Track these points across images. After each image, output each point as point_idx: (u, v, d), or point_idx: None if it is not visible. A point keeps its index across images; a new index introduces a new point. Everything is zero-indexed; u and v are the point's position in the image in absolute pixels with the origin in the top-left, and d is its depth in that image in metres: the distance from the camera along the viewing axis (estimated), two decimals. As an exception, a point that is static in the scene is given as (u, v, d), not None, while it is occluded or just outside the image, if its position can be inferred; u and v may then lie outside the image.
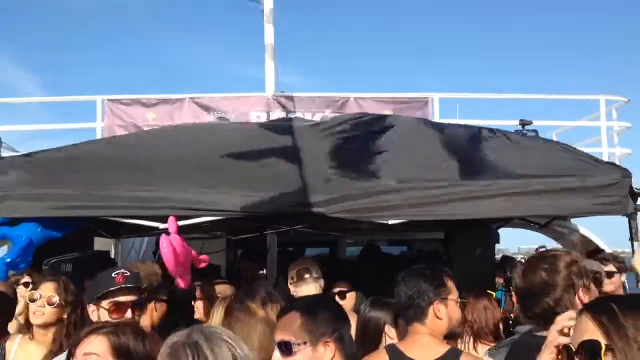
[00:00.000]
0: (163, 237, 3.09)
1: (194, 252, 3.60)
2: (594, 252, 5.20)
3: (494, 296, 3.94)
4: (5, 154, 8.11)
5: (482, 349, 3.47)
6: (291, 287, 4.12)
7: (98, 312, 2.90)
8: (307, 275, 4.34)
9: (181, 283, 3.31)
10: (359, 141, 4.21)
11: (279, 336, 2.27)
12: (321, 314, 2.32)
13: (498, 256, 7.11)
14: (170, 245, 3.05)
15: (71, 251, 5.33)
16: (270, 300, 2.81)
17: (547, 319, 2.27)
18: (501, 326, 3.86)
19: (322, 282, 4.34)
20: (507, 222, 5.71)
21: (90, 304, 2.93)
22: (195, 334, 1.83)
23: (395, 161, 3.81)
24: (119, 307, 2.91)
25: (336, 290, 4.32)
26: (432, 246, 8.48)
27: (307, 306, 2.37)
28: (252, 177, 3.72)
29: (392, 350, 2.76)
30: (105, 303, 2.90)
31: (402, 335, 3.00)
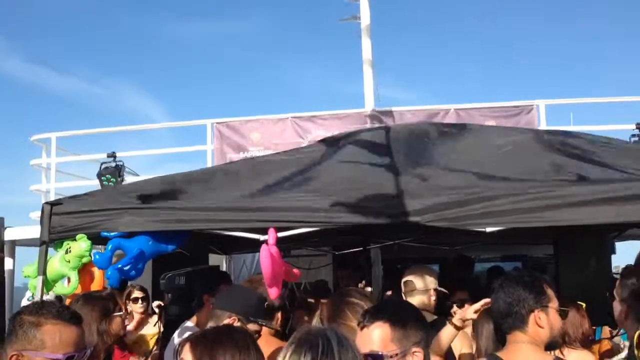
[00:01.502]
0: (263, 246, 3.21)
1: (287, 265, 3.70)
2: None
3: (583, 306, 3.78)
4: (128, 177, 8.79)
5: (568, 352, 3.39)
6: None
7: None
8: (410, 288, 4.33)
9: (272, 294, 3.41)
10: (448, 148, 4.17)
11: (367, 347, 2.23)
12: (410, 323, 2.30)
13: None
14: (269, 255, 3.16)
15: (187, 267, 5.68)
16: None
17: None
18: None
19: (431, 293, 4.30)
20: (622, 231, 5.34)
21: (232, 316, 3.07)
22: (329, 332, 1.91)
23: (491, 168, 3.72)
24: (257, 334, 3.06)
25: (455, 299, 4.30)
26: (548, 261, 8.10)
27: (395, 315, 2.34)
28: (348, 188, 3.77)
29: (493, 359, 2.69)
30: (251, 326, 3.06)
31: None
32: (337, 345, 1.84)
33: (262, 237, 3.76)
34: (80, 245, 3.61)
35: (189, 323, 4.43)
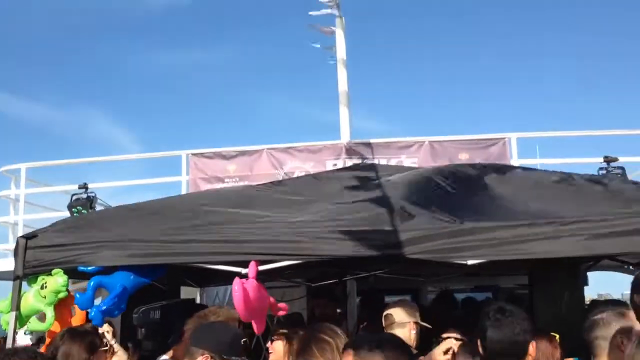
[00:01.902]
0: (236, 280, 3.16)
1: (272, 299, 3.66)
2: None
3: (557, 337, 3.83)
4: (100, 209, 8.64)
5: None
6: None
7: None
8: (390, 321, 4.32)
9: (256, 328, 3.37)
10: (434, 185, 4.22)
11: None
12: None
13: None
14: (241, 289, 3.11)
15: (160, 300, 5.56)
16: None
17: None
18: None
19: (411, 327, 4.28)
20: (596, 262, 5.45)
21: (205, 354, 3.03)
22: None
23: (475, 203, 3.78)
24: None
25: (445, 336, 4.28)
26: (517, 292, 8.18)
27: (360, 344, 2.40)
28: (329, 220, 3.78)
29: None
30: None
31: None
32: None
33: (243, 270, 3.74)
34: (57, 280, 3.52)
35: (165, 357, 4.33)
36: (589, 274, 6.49)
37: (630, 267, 5.77)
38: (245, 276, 3.75)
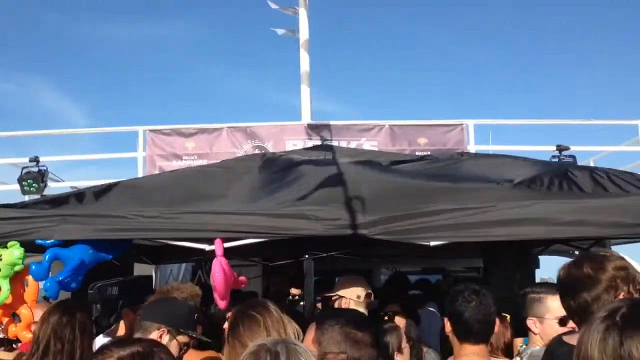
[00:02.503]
0: (216, 260, 3.16)
1: (234, 274, 3.66)
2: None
3: (507, 318, 4.00)
4: (52, 183, 8.41)
5: None
6: None
7: (170, 342, 3.02)
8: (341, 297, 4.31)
9: (221, 304, 3.37)
10: (393, 169, 4.28)
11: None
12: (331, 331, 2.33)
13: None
14: (221, 269, 3.11)
15: (112, 276, 5.48)
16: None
17: (581, 315, 2.27)
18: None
19: (362, 301, 4.31)
20: (547, 247, 5.65)
21: (162, 328, 3.04)
22: (279, 345, 1.92)
23: (436, 186, 3.85)
24: (186, 346, 3.13)
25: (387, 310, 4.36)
26: (468, 274, 8.41)
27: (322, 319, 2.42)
28: (293, 200, 3.79)
29: None
30: (181, 338, 3.08)
31: None
32: (286, 355, 1.86)
33: (207, 247, 3.72)
34: (13, 252, 3.41)
35: (104, 337, 4.18)
36: (542, 257, 6.74)
37: (576, 252, 6.02)
38: (210, 253, 3.75)
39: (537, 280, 6.02)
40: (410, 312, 4.58)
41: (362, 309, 4.15)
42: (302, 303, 7.22)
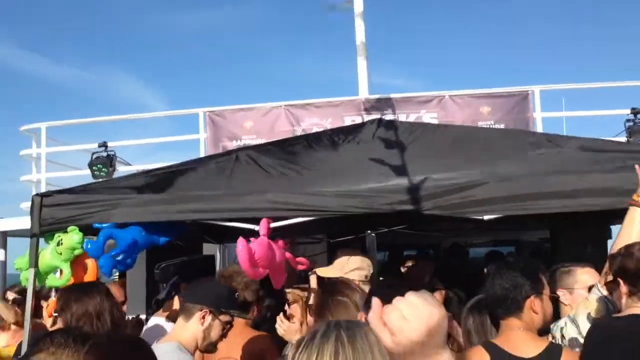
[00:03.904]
0: (240, 239, 3.15)
1: (289, 255, 3.64)
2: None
3: None
4: (120, 167, 8.72)
5: None
6: None
7: (213, 322, 3.12)
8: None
9: (275, 284, 3.39)
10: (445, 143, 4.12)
11: None
12: None
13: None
14: (245, 248, 3.09)
15: (182, 256, 5.62)
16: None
17: None
18: None
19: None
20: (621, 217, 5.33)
21: (204, 309, 3.10)
22: (343, 326, 1.72)
23: (486, 159, 3.69)
24: (228, 327, 3.21)
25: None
26: (541, 246, 8.12)
27: None
28: (347, 178, 3.74)
29: (490, 347, 2.67)
30: (222, 317, 3.17)
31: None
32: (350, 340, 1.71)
33: (256, 227, 3.72)
34: (72, 237, 3.54)
35: (158, 319, 4.26)
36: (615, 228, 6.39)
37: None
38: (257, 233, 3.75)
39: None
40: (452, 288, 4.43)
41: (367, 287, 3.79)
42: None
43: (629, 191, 3.20)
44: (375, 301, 1.16)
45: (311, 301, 3.61)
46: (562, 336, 2.97)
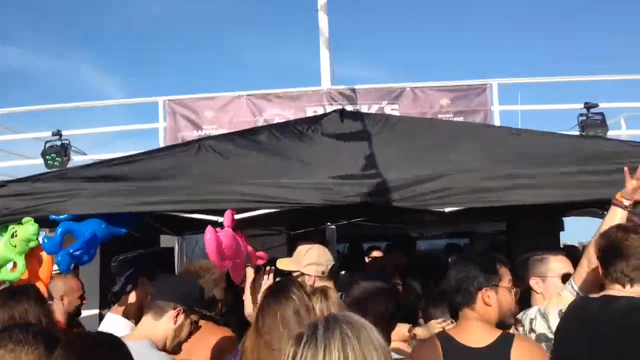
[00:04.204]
0: (209, 228, 3.08)
1: (250, 248, 3.60)
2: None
3: None
4: (75, 157, 8.48)
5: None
6: None
7: (185, 321, 3.01)
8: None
9: (234, 277, 3.35)
10: (408, 137, 4.16)
11: None
12: None
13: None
14: (214, 237, 3.04)
15: (138, 248, 5.51)
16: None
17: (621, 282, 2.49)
18: None
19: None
20: (575, 209, 5.51)
21: (178, 307, 2.99)
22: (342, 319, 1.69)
23: (450, 154, 3.74)
24: (196, 323, 3.10)
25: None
26: (495, 238, 8.30)
27: None
28: (307, 170, 3.73)
29: (443, 337, 2.72)
30: (194, 316, 3.05)
31: None
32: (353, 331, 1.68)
33: (219, 219, 3.68)
34: (27, 228, 3.43)
35: (113, 314, 4.05)
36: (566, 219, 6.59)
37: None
38: (221, 225, 3.71)
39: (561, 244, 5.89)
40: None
41: (327, 283, 3.63)
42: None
43: (584, 183, 3.31)
44: None
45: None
46: (532, 329, 3.02)
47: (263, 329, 2.57)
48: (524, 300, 3.30)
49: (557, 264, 3.29)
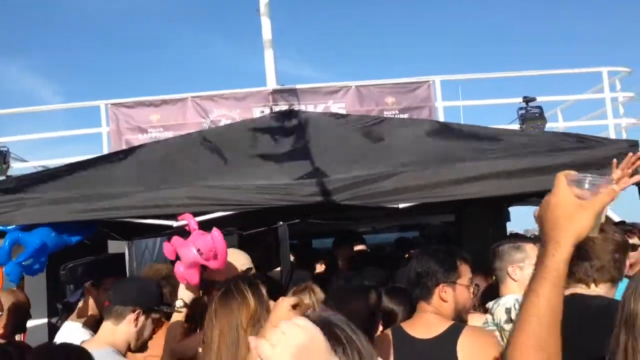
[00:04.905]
0: (215, 229, 3.14)
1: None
2: (617, 224, 5.17)
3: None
4: (15, 164, 8.19)
5: (469, 316, 3.35)
6: None
7: (146, 322, 3.04)
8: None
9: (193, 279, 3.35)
10: (359, 135, 4.22)
11: None
12: None
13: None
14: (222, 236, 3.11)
15: (87, 255, 5.39)
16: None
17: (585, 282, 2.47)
18: None
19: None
20: (521, 200, 5.72)
21: (137, 310, 3.00)
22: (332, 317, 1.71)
23: (398, 150, 3.82)
24: (160, 323, 3.17)
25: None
26: (444, 229, 8.50)
27: None
28: (261, 171, 3.74)
29: (395, 330, 2.77)
30: (154, 315, 3.09)
31: None
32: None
33: (175, 224, 3.66)
34: (-27, 241, 3.32)
35: (73, 323, 4.03)
36: (512, 209, 6.83)
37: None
38: (178, 229, 3.69)
39: (508, 233, 6.10)
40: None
41: None
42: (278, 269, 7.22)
43: (525, 171, 3.45)
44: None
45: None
46: (510, 319, 2.99)
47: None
48: (493, 290, 3.35)
49: (533, 252, 3.18)
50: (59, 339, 3.92)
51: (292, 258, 7.33)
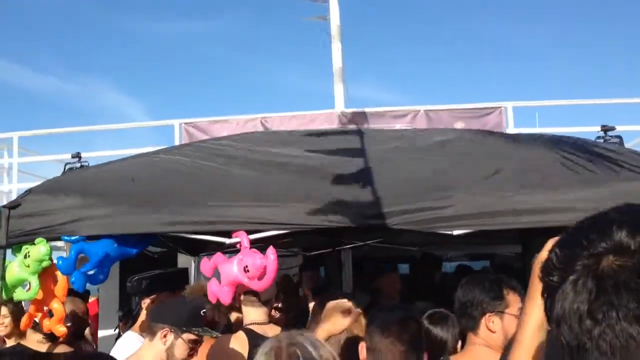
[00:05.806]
0: (271, 248, 3.23)
1: None
2: None
3: None
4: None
5: None
6: None
7: (175, 341, 3.10)
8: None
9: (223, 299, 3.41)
10: (421, 155, 4.13)
11: None
12: None
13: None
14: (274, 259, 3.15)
15: (156, 268, 5.57)
16: None
17: None
18: None
19: None
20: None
21: (165, 328, 3.09)
22: (299, 337, 1.84)
23: (459, 174, 3.71)
24: (195, 346, 3.17)
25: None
26: (514, 260, 8.18)
27: None
28: (318, 190, 3.73)
29: None
30: (186, 336, 3.12)
31: None
32: (314, 348, 1.78)
33: (227, 241, 3.71)
34: (40, 249, 3.48)
35: (133, 333, 4.30)
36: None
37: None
38: (231, 246, 3.74)
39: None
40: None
41: None
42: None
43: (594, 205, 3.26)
44: None
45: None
46: None
47: None
48: None
49: None
50: (116, 346, 4.07)
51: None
